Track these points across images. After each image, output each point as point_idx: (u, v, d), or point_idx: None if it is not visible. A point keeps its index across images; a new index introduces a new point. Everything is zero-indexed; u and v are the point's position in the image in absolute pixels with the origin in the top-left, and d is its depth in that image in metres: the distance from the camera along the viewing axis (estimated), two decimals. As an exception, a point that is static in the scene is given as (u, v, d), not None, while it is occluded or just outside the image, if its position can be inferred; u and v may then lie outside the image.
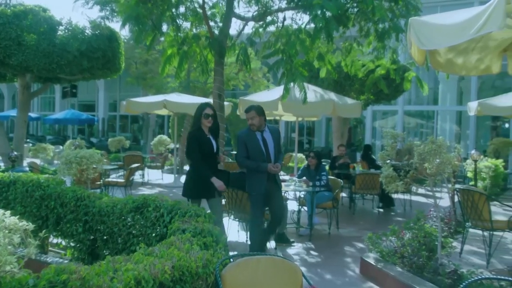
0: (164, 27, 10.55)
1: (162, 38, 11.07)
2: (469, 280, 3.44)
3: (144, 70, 23.81)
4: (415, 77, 11.89)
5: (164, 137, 20.08)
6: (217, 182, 6.16)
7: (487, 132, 24.52)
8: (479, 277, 4.68)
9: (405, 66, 13.39)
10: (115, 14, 10.28)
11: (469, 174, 12.96)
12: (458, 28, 4.61)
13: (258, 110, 6.67)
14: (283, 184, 9.12)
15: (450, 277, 5.28)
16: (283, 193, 9.51)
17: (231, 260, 3.34)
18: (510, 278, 3.52)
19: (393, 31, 9.38)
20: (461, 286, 3.14)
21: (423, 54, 5.68)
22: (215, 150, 6.37)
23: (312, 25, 8.97)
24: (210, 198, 6.28)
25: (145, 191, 14.06)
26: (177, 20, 10.33)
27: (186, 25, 10.98)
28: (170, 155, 19.89)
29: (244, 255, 3.31)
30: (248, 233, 7.14)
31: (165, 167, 18.79)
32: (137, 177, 15.63)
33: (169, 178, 16.81)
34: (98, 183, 10.80)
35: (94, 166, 7.94)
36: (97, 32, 13.09)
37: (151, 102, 15.26)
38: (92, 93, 41.71)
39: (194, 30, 11.06)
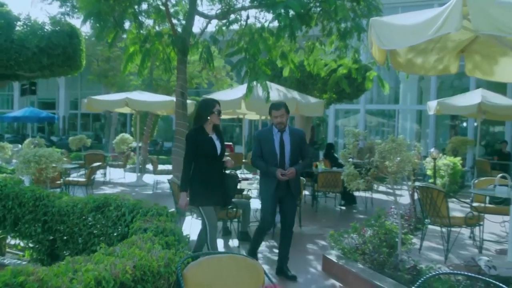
0: (126, 24, 10.42)
1: (124, 36, 10.92)
2: (428, 276, 3.52)
3: (106, 68, 23.48)
4: (376, 77, 12.07)
5: (127, 135, 19.80)
6: (182, 200, 5.74)
7: (446, 131, 25.06)
8: (437, 272, 4.79)
9: (367, 66, 13.57)
10: (76, 10, 10.11)
11: (429, 172, 13.21)
12: (417, 29, 4.71)
13: (287, 107, 6.19)
14: (245, 182, 9.15)
15: (409, 273, 5.38)
16: (247, 192, 9.55)
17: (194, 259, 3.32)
18: (466, 273, 3.61)
19: (355, 31, 9.49)
20: (420, 281, 3.20)
21: (383, 54, 5.77)
22: (219, 152, 5.76)
23: (276, 23, 9.01)
24: (220, 205, 6.00)
25: (107, 190, 13.87)
26: (140, 17, 10.20)
27: (149, 22, 10.87)
28: (132, 153, 19.65)
29: (207, 253, 3.30)
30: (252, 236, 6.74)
31: (128, 166, 18.55)
32: (98, 176, 15.40)
33: (131, 177, 16.62)
34: (58, 182, 10.60)
35: (54, 165, 7.80)
36: (57, 29, 12.86)
37: (113, 100, 15.05)
38: (53, 91, 40.86)
39: (156, 27, 10.95)
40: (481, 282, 3.35)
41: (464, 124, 24.09)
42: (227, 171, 6.05)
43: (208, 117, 5.69)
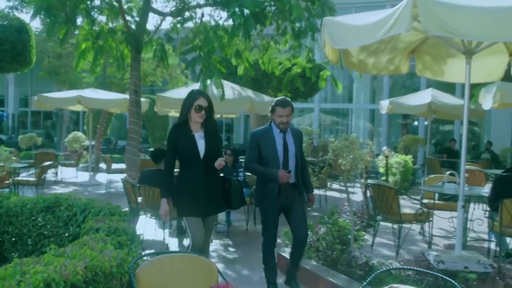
0: (78, 20, 10.21)
1: (76, 32, 10.70)
2: (379, 271, 3.59)
3: (58, 64, 22.91)
4: (330, 76, 12.22)
5: (79, 133, 19.42)
6: (161, 208, 4.94)
7: (398, 129, 25.61)
8: (388, 267, 4.90)
9: (321, 65, 13.73)
10: (25, 4, 9.82)
11: (381, 170, 13.49)
12: (369, 29, 4.80)
13: (293, 106, 5.44)
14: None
15: (362, 269, 5.49)
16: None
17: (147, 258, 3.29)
18: (416, 268, 3.70)
19: (309, 31, 9.60)
20: (371, 277, 3.27)
21: (336, 53, 5.86)
22: (202, 153, 4.82)
23: (230, 22, 9.01)
24: (202, 216, 4.92)
25: (59, 190, 13.56)
26: (92, 13, 10.02)
27: (102, 18, 10.69)
28: (85, 152, 19.28)
29: (159, 253, 3.28)
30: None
31: (80, 165, 18.21)
32: (49, 175, 15.02)
33: (84, 176, 16.31)
34: (7, 182, 10.29)
35: (2, 164, 7.57)
36: (5, 23, 12.47)
37: (64, 98, 14.77)
38: (1, 88, 39.58)
39: (110, 24, 10.78)
40: (430, 276, 3.45)
41: (415, 123, 24.70)
42: (223, 176, 5.14)
43: (188, 113, 4.85)
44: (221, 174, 5.07)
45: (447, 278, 3.08)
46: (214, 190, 4.90)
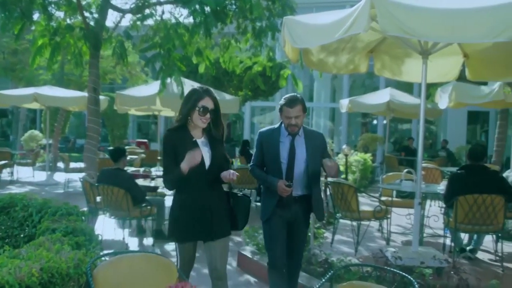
0: (35, 16, 9.97)
1: (33, 27, 10.44)
2: (338, 268, 3.64)
3: (13, 61, 22.31)
4: (290, 75, 12.29)
5: (36, 132, 19.06)
6: (191, 158, 3.75)
7: (357, 128, 26.01)
8: (347, 264, 4.97)
9: (282, 64, 13.79)
10: (-22, -1, 9.53)
11: (341, 168, 13.65)
12: (328, 29, 4.85)
13: (304, 104, 4.48)
14: (160, 180, 8.97)
15: (321, 266, 5.54)
16: (162, 189, 9.40)
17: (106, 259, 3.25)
18: (374, 264, 3.77)
19: (270, 30, 9.63)
20: (330, 273, 3.31)
21: (296, 52, 5.90)
22: (207, 164, 3.92)
23: (191, 20, 8.96)
24: (207, 240, 3.95)
25: (14, 189, 13.20)
26: (49, 9, 9.79)
27: (59, 14, 10.45)
28: (42, 151, 18.88)
29: (118, 253, 3.24)
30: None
31: (37, 164, 17.80)
32: (5, 175, 14.72)
33: (41, 176, 15.94)
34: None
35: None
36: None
37: (20, 95, 14.42)
38: (-47, 85, 38.37)
39: (68, 20, 10.55)
40: (388, 272, 3.53)
41: (375, 121, 25.13)
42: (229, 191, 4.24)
43: (188, 116, 3.93)
44: (226, 189, 4.23)
45: (404, 274, 3.15)
46: (221, 210, 4.00)
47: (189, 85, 10.94)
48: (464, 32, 4.46)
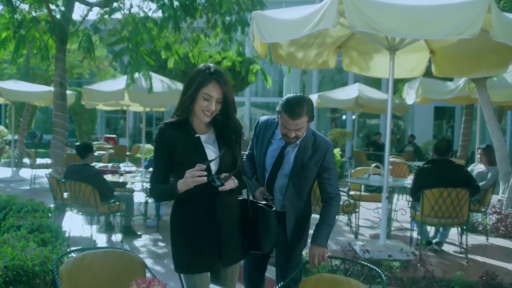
0: (-2, 8, 9.75)
1: (-4, 20, 10.19)
2: (307, 261, 3.66)
3: (-24, 55, 21.83)
4: (259, 70, 12.30)
5: (1, 127, 18.64)
6: (188, 180, 2.73)
7: (327, 123, 26.21)
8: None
9: (251, 59, 13.78)
10: None
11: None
12: (297, 24, 4.88)
13: (310, 111, 3.44)
14: (129, 175, 8.91)
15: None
16: (131, 185, 9.34)
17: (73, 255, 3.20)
18: (342, 257, 3.83)
19: (239, 24, 9.61)
20: (300, 266, 3.32)
21: (265, 47, 5.91)
22: (215, 168, 2.90)
23: (160, 13, 8.87)
24: (214, 269, 2.98)
25: (-22, 186, 12.94)
26: (13, 1, 9.56)
27: (24, 6, 10.22)
28: (7, 147, 18.51)
29: (84, 249, 3.20)
30: None
31: (2, 160, 17.46)
32: (-32, 171, 14.39)
33: (6, 172, 15.61)
34: None
35: None
36: None
37: (-17, 90, 14.07)
38: None
39: (33, 13, 10.32)
40: (357, 265, 3.59)
41: (344, 117, 25.36)
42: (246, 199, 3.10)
43: (191, 105, 2.88)
44: (240, 197, 3.15)
45: (372, 266, 3.20)
46: (233, 226, 3.01)
47: (158, 79, 10.88)
48: (430, 28, 4.53)
